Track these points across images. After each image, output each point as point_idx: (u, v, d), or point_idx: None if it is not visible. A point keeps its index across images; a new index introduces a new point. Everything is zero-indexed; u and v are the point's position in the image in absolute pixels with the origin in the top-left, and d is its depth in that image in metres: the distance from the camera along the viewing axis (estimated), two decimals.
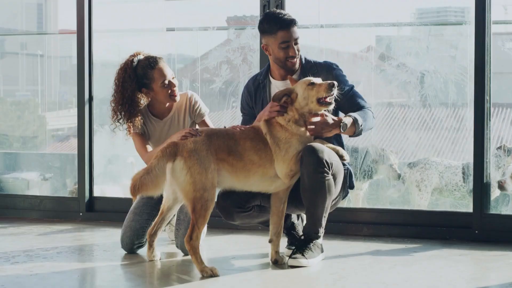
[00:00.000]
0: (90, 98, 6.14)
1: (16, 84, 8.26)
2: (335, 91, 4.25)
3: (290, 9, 5.46)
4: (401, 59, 6.20)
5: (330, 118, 4.30)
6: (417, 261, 4.52)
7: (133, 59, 4.85)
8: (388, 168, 6.18)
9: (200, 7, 6.93)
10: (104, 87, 6.30)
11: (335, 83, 4.27)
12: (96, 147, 6.27)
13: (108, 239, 5.33)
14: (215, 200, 4.19)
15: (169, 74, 4.84)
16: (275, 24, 4.50)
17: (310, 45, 6.22)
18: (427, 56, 6.15)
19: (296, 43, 4.52)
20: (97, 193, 6.26)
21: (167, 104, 4.92)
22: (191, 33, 6.67)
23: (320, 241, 4.45)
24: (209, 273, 4.10)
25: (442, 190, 6.14)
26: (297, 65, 4.58)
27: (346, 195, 4.66)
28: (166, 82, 4.82)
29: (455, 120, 6.26)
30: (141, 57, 4.86)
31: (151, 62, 4.81)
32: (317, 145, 4.27)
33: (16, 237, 5.38)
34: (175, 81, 4.87)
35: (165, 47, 6.88)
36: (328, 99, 4.25)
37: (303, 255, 4.35)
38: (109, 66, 6.25)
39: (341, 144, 4.65)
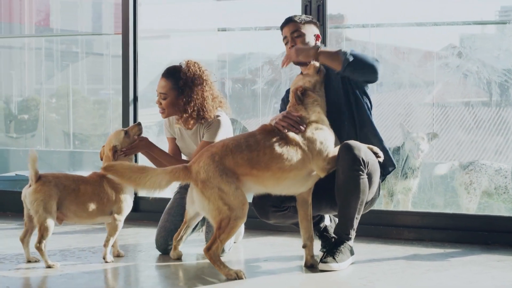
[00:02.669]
0: (135, 99, 6.19)
1: (101, 83, 8.41)
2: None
3: (332, 8, 5.43)
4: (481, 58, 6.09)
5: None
6: (452, 267, 4.39)
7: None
8: (411, 142, 6.00)
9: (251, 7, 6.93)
10: None
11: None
12: None
13: (146, 239, 5.36)
14: (245, 218, 4.10)
15: (158, 88, 4.82)
16: (280, 27, 4.64)
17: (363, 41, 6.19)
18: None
19: (298, 36, 4.53)
20: (142, 193, 6.28)
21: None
22: (234, 34, 6.68)
23: (350, 243, 4.38)
24: (234, 276, 4.05)
25: (491, 193, 5.97)
26: None
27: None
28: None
29: None
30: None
31: None
32: (354, 142, 4.20)
33: (57, 236, 5.44)
34: (160, 99, 4.80)
35: (217, 47, 6.92)
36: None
37: (334, 258, 4.27)
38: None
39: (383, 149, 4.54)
